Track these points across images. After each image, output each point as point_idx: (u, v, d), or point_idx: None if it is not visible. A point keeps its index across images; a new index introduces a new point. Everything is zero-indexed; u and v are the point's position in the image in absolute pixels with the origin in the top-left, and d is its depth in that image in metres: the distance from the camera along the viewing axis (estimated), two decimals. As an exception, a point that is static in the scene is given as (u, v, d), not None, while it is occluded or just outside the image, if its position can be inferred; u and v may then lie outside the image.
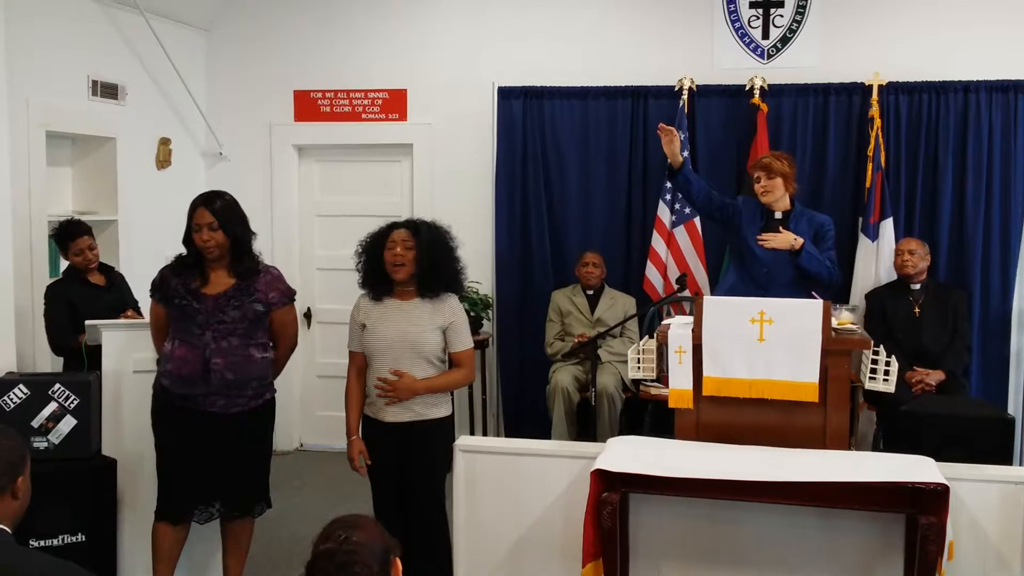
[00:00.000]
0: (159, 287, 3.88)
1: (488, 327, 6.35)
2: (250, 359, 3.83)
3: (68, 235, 4.90)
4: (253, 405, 3.89)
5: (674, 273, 5.78)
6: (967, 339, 5.51)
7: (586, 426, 5.56)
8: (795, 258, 4.58)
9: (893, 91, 5.82)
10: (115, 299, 4.95)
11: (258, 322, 3.86)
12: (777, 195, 4.68)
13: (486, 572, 3.73)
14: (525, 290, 6.34)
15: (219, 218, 3.78)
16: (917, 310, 5.44)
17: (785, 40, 6.06)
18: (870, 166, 5.72)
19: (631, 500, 3.50)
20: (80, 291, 4.87)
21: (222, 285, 3.81)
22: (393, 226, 3.91)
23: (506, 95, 6.29)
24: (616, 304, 5.93)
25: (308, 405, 6.86)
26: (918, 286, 5.49)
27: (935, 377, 5.25)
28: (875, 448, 5.29)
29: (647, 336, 3.91)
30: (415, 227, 3.89)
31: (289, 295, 3.97)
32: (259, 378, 3.88)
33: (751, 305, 3.54)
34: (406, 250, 3.82)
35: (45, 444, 3.81)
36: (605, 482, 3.25)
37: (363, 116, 6.59)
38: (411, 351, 3.82)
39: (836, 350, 3.48)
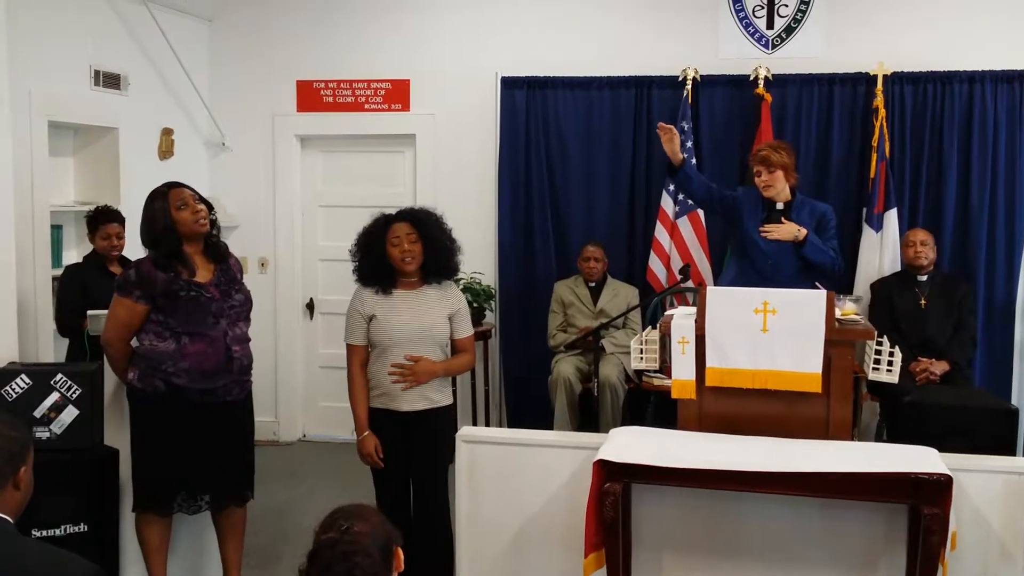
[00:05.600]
0: (140, 284, 3.68)
1: (491, 318, 6.34)
2: (249, 344, 3.90)
3: (100, 219, 5.01)
4: (249, 389, 3.96)
5: (677, 264, 5.77)
6: (972, 332, 5.49)
7: (588, 417, 5.56)
8: (799, 249, 4.57)
9: (898, 81, 5.79)
10: None
11: (251, 303, 3.94)
12: (779, 188, 4.67)
13: (488, 562, 3.73)
14: (528, 281, 6.33)
15: (196, 193, 3.83)
16: (923, 301, 5.42)
17: (790, 30, 6.04)
18: (874, 156, 5.70)
19: (633, 491, 3.49)
20: (96, 276, 4.92)
21: (208, 272, 3.80)
22: (390, 220, 3.89)
23: (509, 85, 6.28)
24: (619, 295, 5.92)
25: (311, 396, 6.87)
26: (925, 277, 5.47)
27: (939, 367, 5.24)
28: (878, 439, 5.29)
29: (650, 327, 3.91)
30: (416, 219, 3.86)
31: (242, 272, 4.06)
32: (252, 361, 3.95)
33: (755, 296, 3.53)
34: (412, 244, 3.82)
35: (47, 434, 3.80)
36: (607, 472, 3.24)
37: (366, 106, 6.58)
38: (427, 338, 3.85)
39: (840, 341, 3.47)
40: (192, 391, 3.73)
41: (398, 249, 3.81)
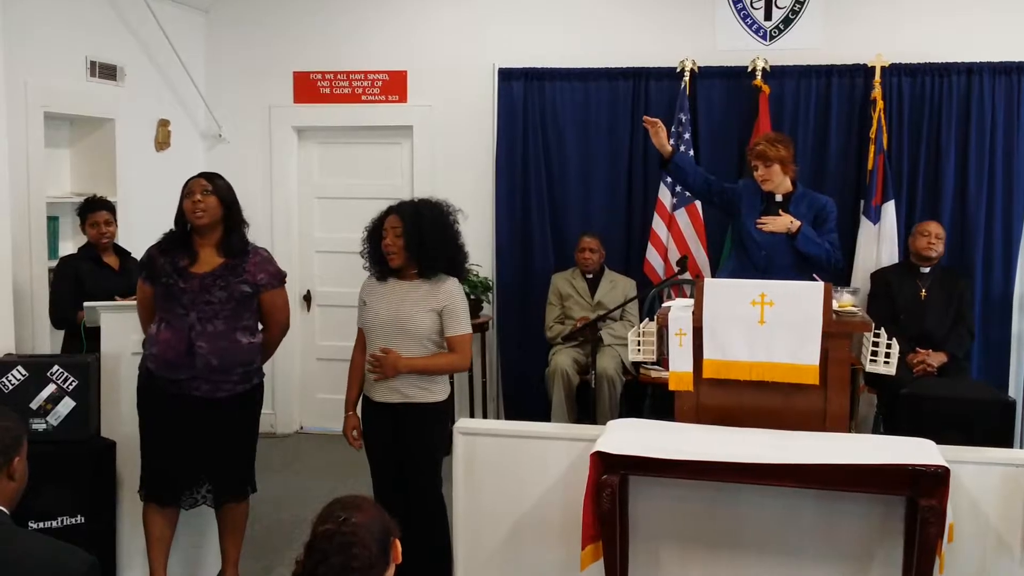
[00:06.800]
0: (146, 266, 3.84)
1: (488, 310, 6.34)
2: (236, 345, 3.78)
3: (89, 208, 5.01)
4: (240, 390, 3.85)
5: (675, 256, 5.75)
6: (970, 324, 5.48)
7: (586, 409, 5.57)
8: (792, 241, 4.56)
9: (896, 73, 5.79)
10: (123, 283, 4.90)
11: (245, 304, 3.80)
12: (777, 181, 4.65)
13: (485, 554, 3.73)
14: (525, 273, 6.33)
15: (213, 184, 3.78)
16: (924, 293, 5.42)
17: (788, 21, 6.03)
18: (872, 148, 5.70)
19: (631, 483, 3.49)
20: (89, 268, 4.90)
21: (210, 264, 3.77)
22: (389, 211, 3.88)
23: (507, 77, 6.26)
24: (616, 287, 5.92)
25: (308, 388, 6.86)
26: (927, 270, 5.47)
27: (937, 359, 5.24)
28: (875, 431, 5.29)
29: (647, 319, 3.90)
30: (402, 212, 3.82)
31: (279, 277, 3.91)
32: (245, 364, 3.83)
33: (752, 287, 3.52)
34: (395, 237, 3.78)
35: (44, 426, 3.80)
36: (605, 464, 3.24)
37: (363, 98, 6.56)
38: (401, 331, 3.79)
39: (837, 332, 3.46)
40: (160, 379, 3.76)
41: (383, 242, 3.81)
